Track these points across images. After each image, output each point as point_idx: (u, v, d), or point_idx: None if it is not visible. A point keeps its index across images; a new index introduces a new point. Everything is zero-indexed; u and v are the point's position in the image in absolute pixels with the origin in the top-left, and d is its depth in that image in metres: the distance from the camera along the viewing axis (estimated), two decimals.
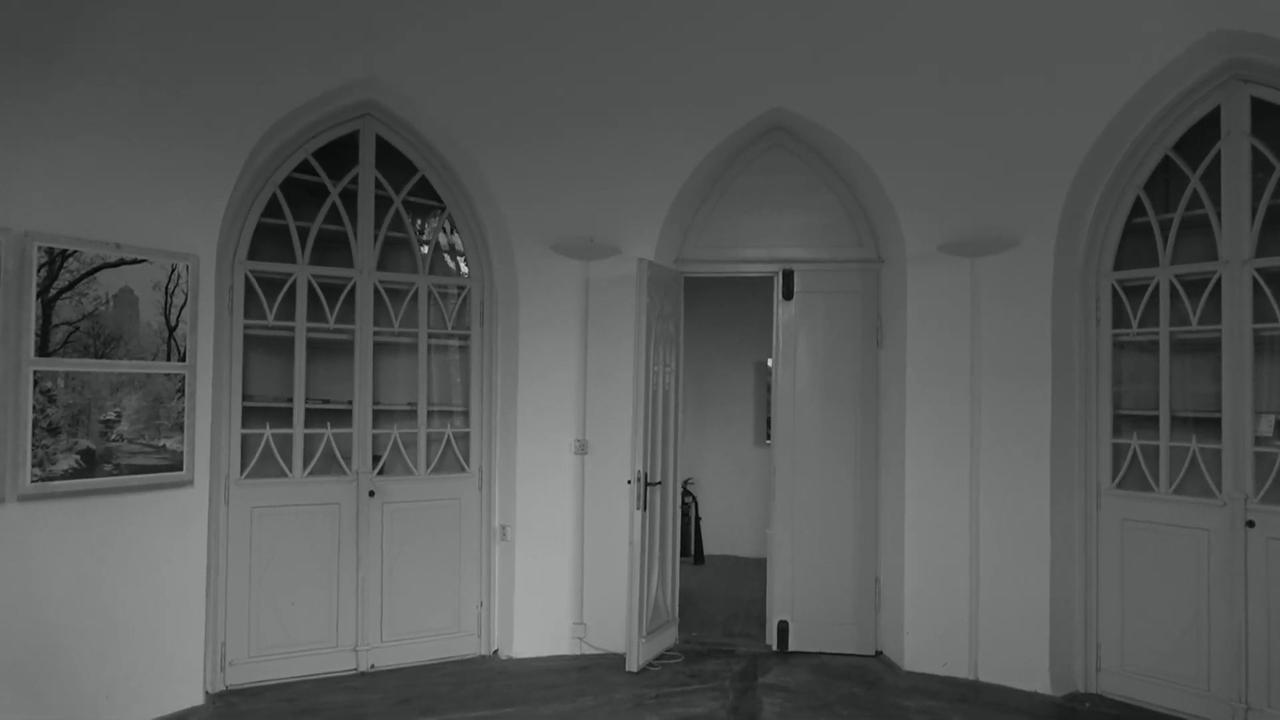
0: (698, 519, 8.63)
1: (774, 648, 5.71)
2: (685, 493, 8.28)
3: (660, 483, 5.57)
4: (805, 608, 5.70)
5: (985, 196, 5.14)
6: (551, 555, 5.60)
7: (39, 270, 3.99)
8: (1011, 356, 5.13)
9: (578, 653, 5.57)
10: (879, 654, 5.63)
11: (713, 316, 8.69)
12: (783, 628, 5.70)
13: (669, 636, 5.72)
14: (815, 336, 5.76)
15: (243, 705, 4.68)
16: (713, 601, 7.01)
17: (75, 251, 4.13)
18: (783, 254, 5.77)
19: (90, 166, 4.19)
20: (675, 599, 5.87)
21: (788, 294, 5.76)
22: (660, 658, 5.50)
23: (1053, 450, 5.03)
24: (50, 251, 4.04)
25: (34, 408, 3.98)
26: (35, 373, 3.99)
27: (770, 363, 6.00)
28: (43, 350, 4.02)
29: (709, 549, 8.87)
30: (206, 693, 4.74)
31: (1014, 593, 5.08)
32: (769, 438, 8.03)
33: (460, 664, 5.44)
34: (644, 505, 5.27)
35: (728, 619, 6.48)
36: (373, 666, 5.26)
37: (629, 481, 5.33)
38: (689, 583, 7.41)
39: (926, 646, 5.30)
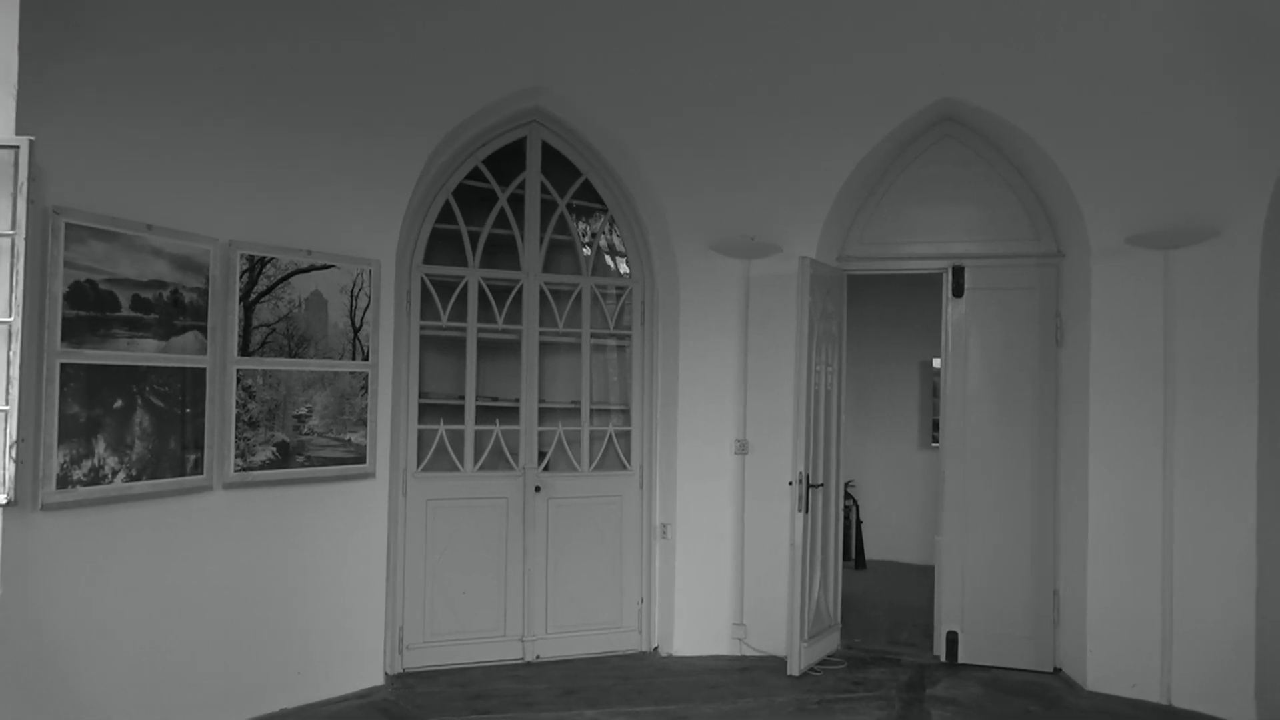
0: (859, 522, 8.42)
1: (942, 659, 5.49)
2: (846, 495, 8.09)
3: (822, 485, 5.46)
4: (976, 618, 5.45)
5: (1179, 184, 4.77)
6: (711, 555, 5.60)
7: (241, 276, 4.33)
8: (1211, 356, 4.73)
9: (737, 653, 5.54)
10: (1058, 671, 5.32)
11: (875, 314, 8.44)
12: (952, 638, 5.47)
13: (831, 642, 5.61)
14: (987, 335, 5.50)
15: (419, 687, 4.92)
16: (876, 608, 6.83)
17: (272, 258, 4.45)
18: (952, 249, 5.54)
19: (284, 181, 4.51)
20: (837, 604, 5.75)
21: (958, 291, 5.52)
22: (822, 663, 5.40)
23: (1260, 461, 4.61)
24: (251, 259, 4.37)
25: (237, 403, 4.32)
26: (238, 371, 4.33)
27: (937, 362, 5.78)
28: (244, 350, 4.36)
29: (870, 554, 8.64)
30: (386, 674, 5.01)
31: (1214, 613, 4.69)
32: (935, 440, 7.75)
33: (622, 659, 5.52)
34: (806, 507, 5.19)
35: (892, 627, 6.29)
36: (538, 657, 5.42)
37: (790, 483, 5.26)
38: (850, 588, 7.21)
39: (1112, 666, 4.96)
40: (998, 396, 5.47)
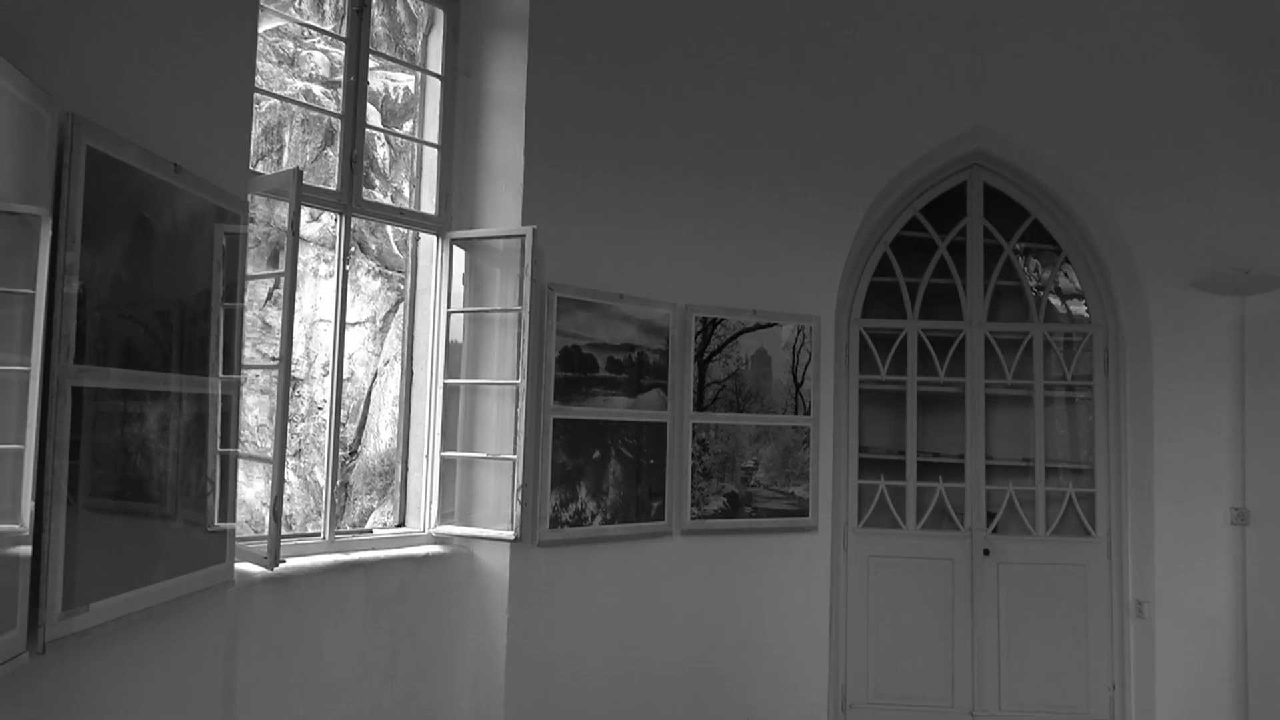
0: None
1: None
2: None
3: None
4: None
5: None
6: (1202, 642, 4.79)
7: (695, 337, 4.67)
8: None
9: None
10: None
11: None
12: None
13: None
14: None
15: None
16: None
17: (722, 319, 4.75)
18: None
19: (730, 247, 4.78)
20: None
21: None
22: None
23: None
24: (704, 320, 4.70)
25: (692, 455, 4.64)
26: (693, 425, 4.65)
27: None
28: (698, 405, 4.67)
29: None
30: None
31: None
32: None
33: None
34: None
35: None
36: None
37: None
38: None
39: None
40: None
